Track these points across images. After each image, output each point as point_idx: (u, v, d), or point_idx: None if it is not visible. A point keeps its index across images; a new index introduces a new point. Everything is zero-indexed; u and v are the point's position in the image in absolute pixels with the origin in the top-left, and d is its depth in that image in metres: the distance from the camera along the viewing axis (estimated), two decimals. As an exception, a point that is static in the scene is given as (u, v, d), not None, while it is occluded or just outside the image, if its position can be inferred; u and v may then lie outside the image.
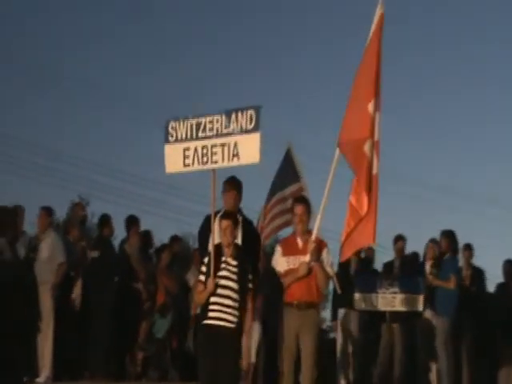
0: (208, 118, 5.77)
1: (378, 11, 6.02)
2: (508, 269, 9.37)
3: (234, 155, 5.64)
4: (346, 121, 5.99)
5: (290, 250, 6.08)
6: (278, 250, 6.20)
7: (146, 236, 9.14)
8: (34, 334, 7.69)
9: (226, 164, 5.71)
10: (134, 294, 8.66)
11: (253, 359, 8.79)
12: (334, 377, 9.25)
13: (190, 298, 8.88)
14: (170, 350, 9.07)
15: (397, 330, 8.69)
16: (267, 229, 8.45)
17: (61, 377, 8.12)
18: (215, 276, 5.43)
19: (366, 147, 5.79)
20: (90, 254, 8.63)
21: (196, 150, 5.83)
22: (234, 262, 5.53)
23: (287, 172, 8.41)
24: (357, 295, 8.69)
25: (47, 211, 8.42)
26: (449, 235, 9.02)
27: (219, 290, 5.43)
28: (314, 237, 5.91)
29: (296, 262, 5.98)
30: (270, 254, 7.39)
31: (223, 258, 5.53)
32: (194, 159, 5.85)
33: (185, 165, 5.89)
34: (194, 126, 5.83)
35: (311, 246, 5.84)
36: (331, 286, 8.00)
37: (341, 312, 8.99)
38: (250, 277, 5.61)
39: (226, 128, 5.67)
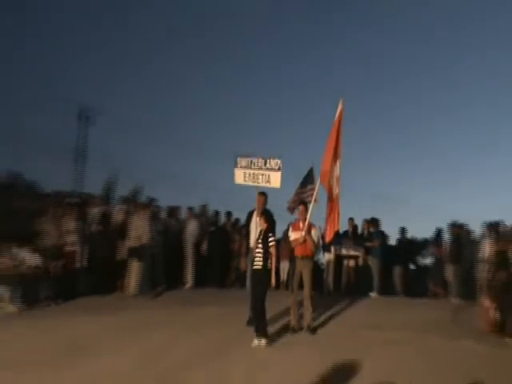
0: (256, 159, 10.47)
1: (340, 106, 10.15)
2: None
3: (267, 181, 10.40)
4: (323, 162, 10.10)
5: (296, 228, 10.55)
6: (290, 228, 10.87)
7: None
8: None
9: (263, 185, 10.42)
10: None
11: (283, 278, 15.34)
12: (321, 288, 15.16)
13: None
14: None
15: (351, 263, 15.95)
16: (292, 203, 12.72)
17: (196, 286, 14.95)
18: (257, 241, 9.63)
19: (332, 181, 10.05)
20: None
21: (249, 174, 10.51)
22: (262, 232, 9.52)
23: (308, 178, 12.86)
24: (332, 248, 15.52)
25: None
26: (374, 220, 15.88)
27: (257, 247, 9.51)
28: (306, 222, 10.38)
29: (298, 234, 10.41)
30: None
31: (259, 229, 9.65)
32: (248, 179, 10.53)
33: (245, 181, 10.54)
34: (249, 162, 10.52)
35: (305, 227, 10.34)
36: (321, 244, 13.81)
37: (326, 255, 15.94)
38: (271, 238, 9.45)
39: (264, 165, 10.42)
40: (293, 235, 10.48)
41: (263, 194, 10.48)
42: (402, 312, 12.21)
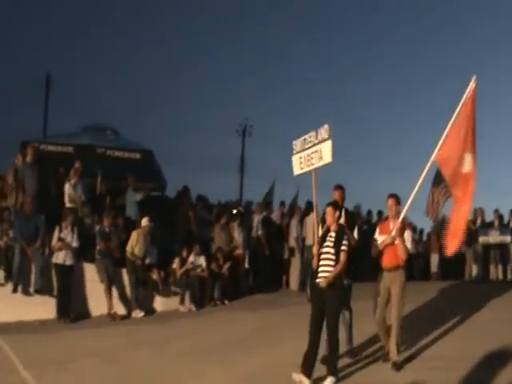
0: (308, 135, 7.99)
1: (472, 85, 7.72)
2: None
3: (320, 158, 7.73)
4: (447, 143, 7.71)
5: (384, 230, 7.98)
6: (377, 230, 8.22)
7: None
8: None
9: (317, 165, 7.79)
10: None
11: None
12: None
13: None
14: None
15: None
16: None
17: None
18: (320, 245, 7.44)
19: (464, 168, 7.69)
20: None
21: (304, 157, 8.09)
22: (334, 234, 7.41)
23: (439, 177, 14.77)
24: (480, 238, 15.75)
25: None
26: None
27: (322, 255, 7.37)
28: (399, 220, 7.71)
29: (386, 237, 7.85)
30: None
31: (329, 233, 7.46)
32: (304, 164, 8.10)
33: (301, 168, 8.20)
34: (303, 141, 8.15)
35: (396, 226, 7.69)
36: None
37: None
38: (345, 242, 7.34)
39: (316, 138, 7.83)
40: (379, 239, 8.07)
41: (340, 188, 8.72)
42: None
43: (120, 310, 12.33)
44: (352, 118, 59.80)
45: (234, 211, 15.59)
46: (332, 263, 7.30)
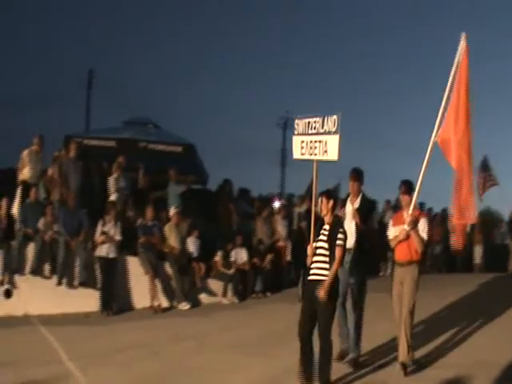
0: (313, 119, 7.11)
1: (463, 43, 6.71)
2: None
3: (324, 151, 6.90)
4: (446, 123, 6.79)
5: (398, 221, 7.41)
6: (390, 222, 7.73)
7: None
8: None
9: (320, 157, 7.00)
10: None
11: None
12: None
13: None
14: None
15: None
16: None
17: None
18: (314, 240, 6.71)
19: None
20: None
21: (306, 143, 7.25)
22: (327, 227, 6.65)
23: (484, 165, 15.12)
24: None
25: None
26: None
27: (316, 251, 6.62)
28: (410, 211, 7.13)
29: (401, 230, 7.23)
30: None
31: (323, 226, 6.74)
32: (305, 150, 7.28)
33: (302, 154, 7.38)
34: (306, 124, 7.24)
35: (408, 217, 7.12)
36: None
37: None
38: (340, 235, 6.52)
39: (322, 127, 6.94)
40: (393, 231, 7.52)
41: (356, 172, 7.91)
42: None
43: (163, 302, 12.39)
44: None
45: (277, 204, 15.55)
46: (326, 259, 6.53)
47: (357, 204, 7.67)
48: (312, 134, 7.10)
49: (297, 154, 7.51)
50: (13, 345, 9.07)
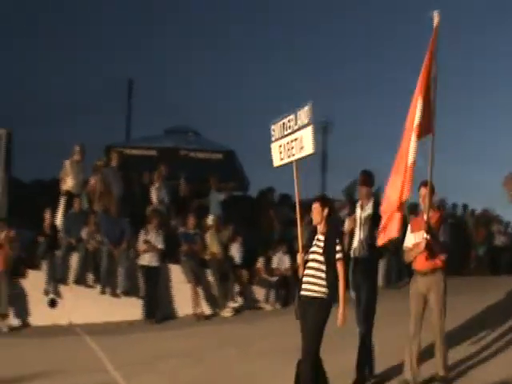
0: (287, 119, 6.55)
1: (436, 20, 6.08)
2: None
3: (301, 147, 6.30)
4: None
5: (417, 226, 6.44)
6: (409, 227, 6.67)
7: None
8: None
9: (298, 156, 6.36)
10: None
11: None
12: None
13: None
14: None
15: None
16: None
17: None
18: (306, 251, 5.99)
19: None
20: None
21: (283, 146, 6.65)
22: (322, 237, 5.91)
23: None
24: None
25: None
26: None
27: (308, 264, 5.91)
28: (425, 215, 6.23)
29: (420, 236, 6.29)
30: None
31: (316, 235, 6.00)
32: (284, 154, 6.66)
33: (281, 159, 6.75)
34: (281, 126, 6.68)
35: (424, 223, 6.19)
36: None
37: None
38: (338, 247, 5.78)
39: (295, 123, 6.38)
40: (411, 238, 6.62)
41: (364, 176, 7.28)
42: None
43: (206, 309, 12.37)
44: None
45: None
46: (321, 274, 5.84)
47: (368, 210, 6.99)
48: (288, 135, 6.59)
49: (276, 160, 6.94)
50: (59, 354, 9.19)
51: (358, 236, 6.94)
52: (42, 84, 59.93)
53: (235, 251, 13.26)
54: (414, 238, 6.48)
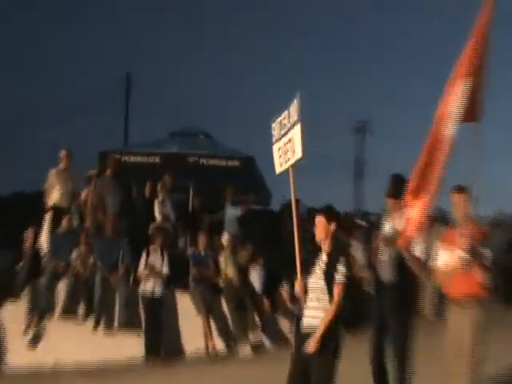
0: (282, 116, 5.97)
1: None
2: None
3: (292, 150, 5.70)
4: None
5: (450, 243, 5.52)
6: (439, 244, 5.76)
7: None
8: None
9: (293, 160, 5.74)
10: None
11: None
12: None
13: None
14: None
15: None
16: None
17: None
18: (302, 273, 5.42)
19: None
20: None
21: (282, 149, 6.02)
22: (325, 257, 5.24)
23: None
24: None
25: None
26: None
27: (310, 292, 5.32)
28: (464, 229, 5.27)
29: (454, 254, 5.38)
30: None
31: (320, 255, 5.35)
32: (283, 159, 6.00)
33: (280, 164, 6.08)
34: (279, 125, 6.08)
35: (462, 240, 5.23)
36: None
37: None
38: (341, 268, 5.08)
39: (289, 121, 5.81)
40: (444, 256, 5.63)
41: (392, 182, 6.49)
42: None
43: (219, 345, 10.96)
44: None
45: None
46: (324, 305, 5.17)
47: (399, 225, 5.90)
48: (283, 136, 5.95)
49: (277, 167, 6.20)
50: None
51: (385, 255, 6.25)
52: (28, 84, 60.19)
53: (255, 275, 11.91)
54: (447, 258, 5.53)
